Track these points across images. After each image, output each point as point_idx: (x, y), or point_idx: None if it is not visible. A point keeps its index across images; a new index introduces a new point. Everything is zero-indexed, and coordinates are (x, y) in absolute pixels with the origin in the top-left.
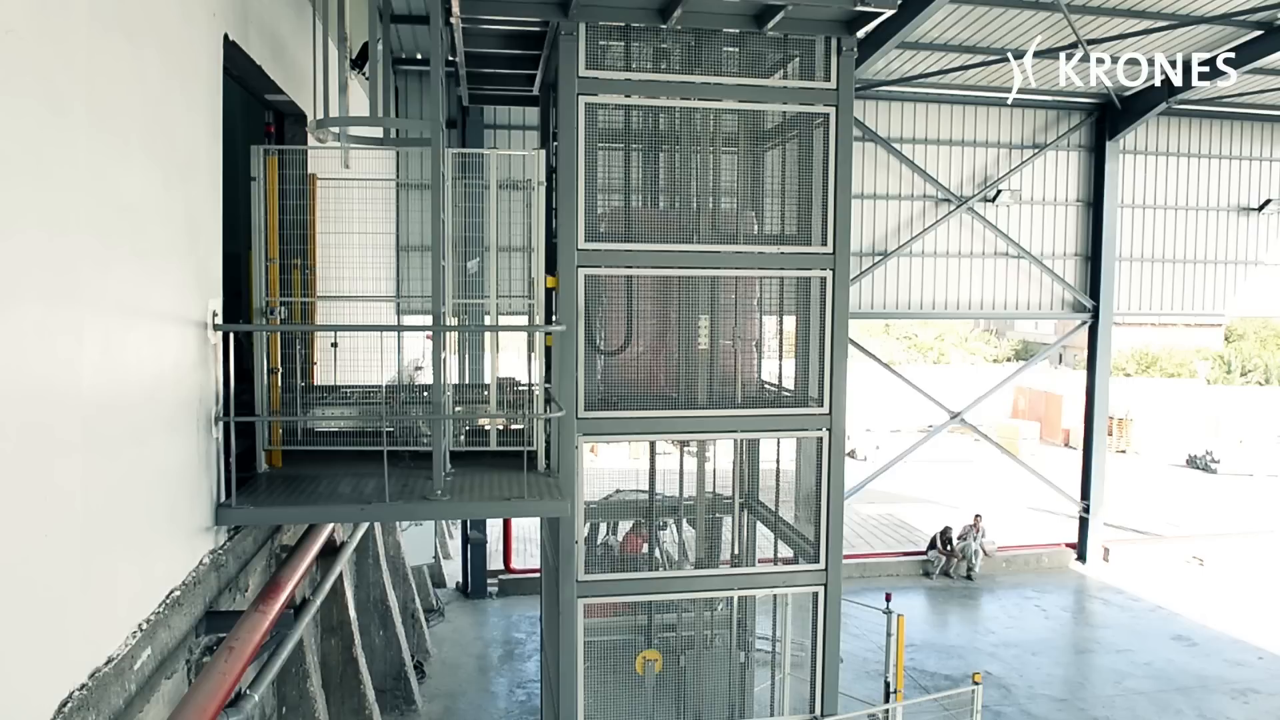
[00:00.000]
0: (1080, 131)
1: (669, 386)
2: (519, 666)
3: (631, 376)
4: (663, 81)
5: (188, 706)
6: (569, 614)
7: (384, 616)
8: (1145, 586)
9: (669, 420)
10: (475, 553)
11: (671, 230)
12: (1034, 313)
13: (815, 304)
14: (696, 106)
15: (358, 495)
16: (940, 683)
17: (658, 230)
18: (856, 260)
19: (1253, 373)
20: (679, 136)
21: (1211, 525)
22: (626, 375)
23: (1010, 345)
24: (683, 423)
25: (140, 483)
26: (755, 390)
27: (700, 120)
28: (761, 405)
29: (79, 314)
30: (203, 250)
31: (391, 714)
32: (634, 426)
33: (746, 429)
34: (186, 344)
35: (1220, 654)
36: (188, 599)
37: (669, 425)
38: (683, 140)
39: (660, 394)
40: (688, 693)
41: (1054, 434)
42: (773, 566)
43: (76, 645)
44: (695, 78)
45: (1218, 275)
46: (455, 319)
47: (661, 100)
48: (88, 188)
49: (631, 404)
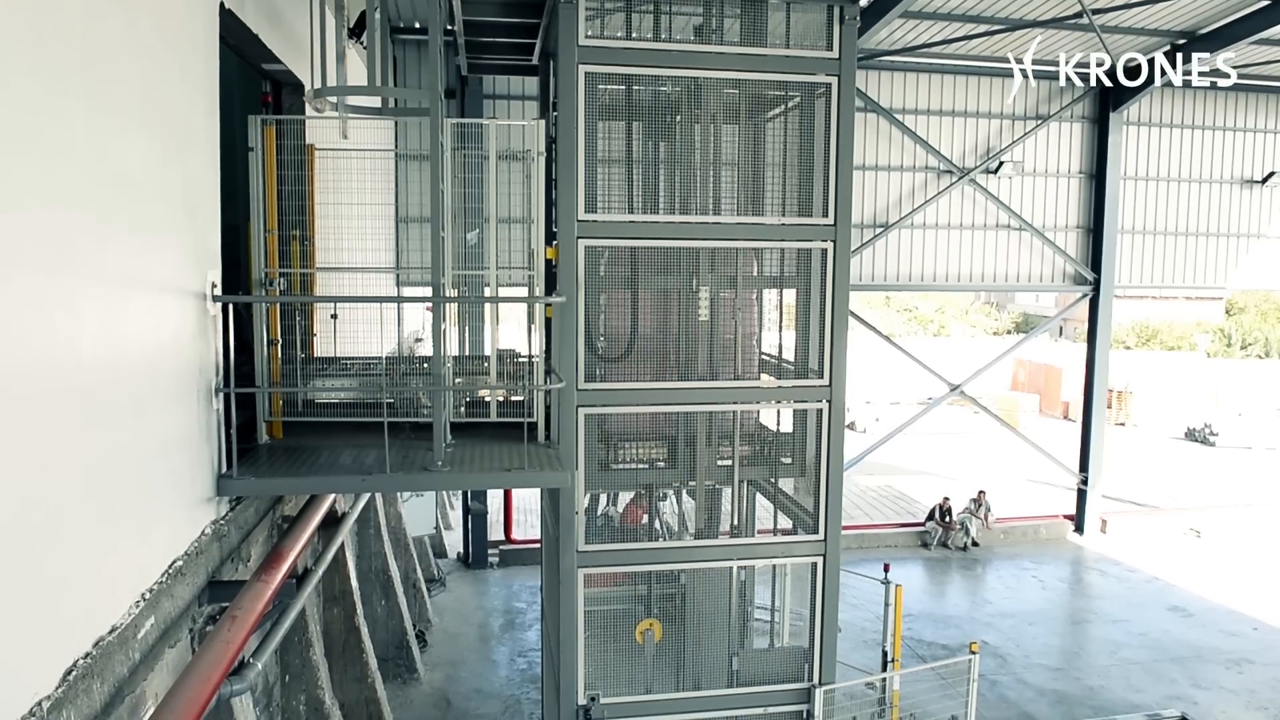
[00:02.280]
0: (1084, 103)
1: (669, 359)
2: (520, 635)
3: (633, 351)
4: (663, 50)
5: (191, 675)
6: (569, 584)
7: (385, 586)
8: (1142, 558)
9: (668, 391)
10: (476, 523)
11: (672, 201)
12: (1035, 285)
13: (816, 276)
14: (697, 76)
15: (358, 466)
16: (937, 652)
17: (658, 201)
18: (857, 232)
19: (1253, 346)
20: (680, 107)
21: (1209, 498)
22: (626, 351)
23: (1011, 318)
24: (682, 394)
25: (141, 453)
26: (755, 362)
27: (702, 90)
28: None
29: (78, 286)
30: (201, 222)
31: (394, 682)
32: (634, 398)
33: (746, 400)
34: (186, 316)
35: (1216, 625)
36: (190, 569)
37: (668, 396)
38: (684, 110)
39: (660, 365)
40: (687, 661)
41: (1053, 406)
42: (772, 537)
43: (80, 614)
44: (696, 46)
45: (1219, 248)
46: (455, 290)
47: (662, 69)
48: (85, 160)
49: (631, 376)
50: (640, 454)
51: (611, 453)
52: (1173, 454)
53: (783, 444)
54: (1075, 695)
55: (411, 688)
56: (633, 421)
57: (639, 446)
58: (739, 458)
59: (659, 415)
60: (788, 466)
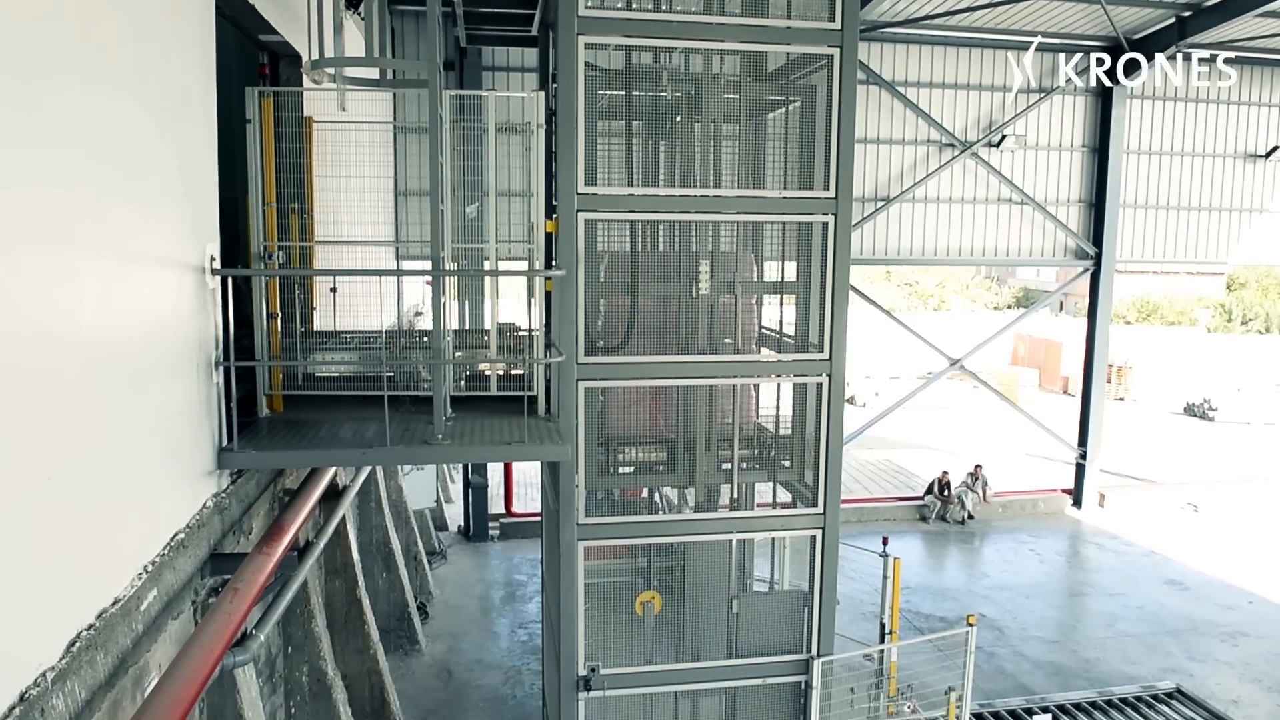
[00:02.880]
0: (1088, 75)
1: (669, 332)
2: (520, 608)
3: (632, 322)
4: (664, 21)
5: (194, 646)
6: (569, 556)
7: (387, 559)
8: (1139, 532)
9: (668, 365)
10: (476, 496)
11: (672, 175)
12: (1036, 259)
13: (817, 250)
14: (698, 47)
15: (359, 439)
16: (935, 624)
17: (658, 175)
18: (858, 206)
19: (1253, 321)
20: (681, 79)
21: (1207, 472)
22: (626, 322)
23: (1011, 292)
24: (682, 367)
25: (142, 427)
26: (755, 335)
27: (703, 62)
28: (762, 350)
29: (76, 259)
30: (199, 194)
31: (396, 654)
32: (633, 371)
33: (746, 374)
34: (185, 289)
35: (1211, 598)
36: (192, 541)
37: (668, 370)
38: (685, 82)
39: (660, 338)
40: (687, 632)
41: (1053, 381)
42: (771, 510)
43: (83, 587)
44: (697, 17)
45: (1221, 223)
46: (454, 264)
47: (663, 40)
48: (81, 132)
49: (631, 349)
50: (640, 455)
51: (610, 456)
52: (1171, 429)
53: (782, 446)
54: (1071, 667)
55: (413, 659)
56: (632, 422)
57: (639, 449)
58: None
59: (659, 412)
60: (787, 470)
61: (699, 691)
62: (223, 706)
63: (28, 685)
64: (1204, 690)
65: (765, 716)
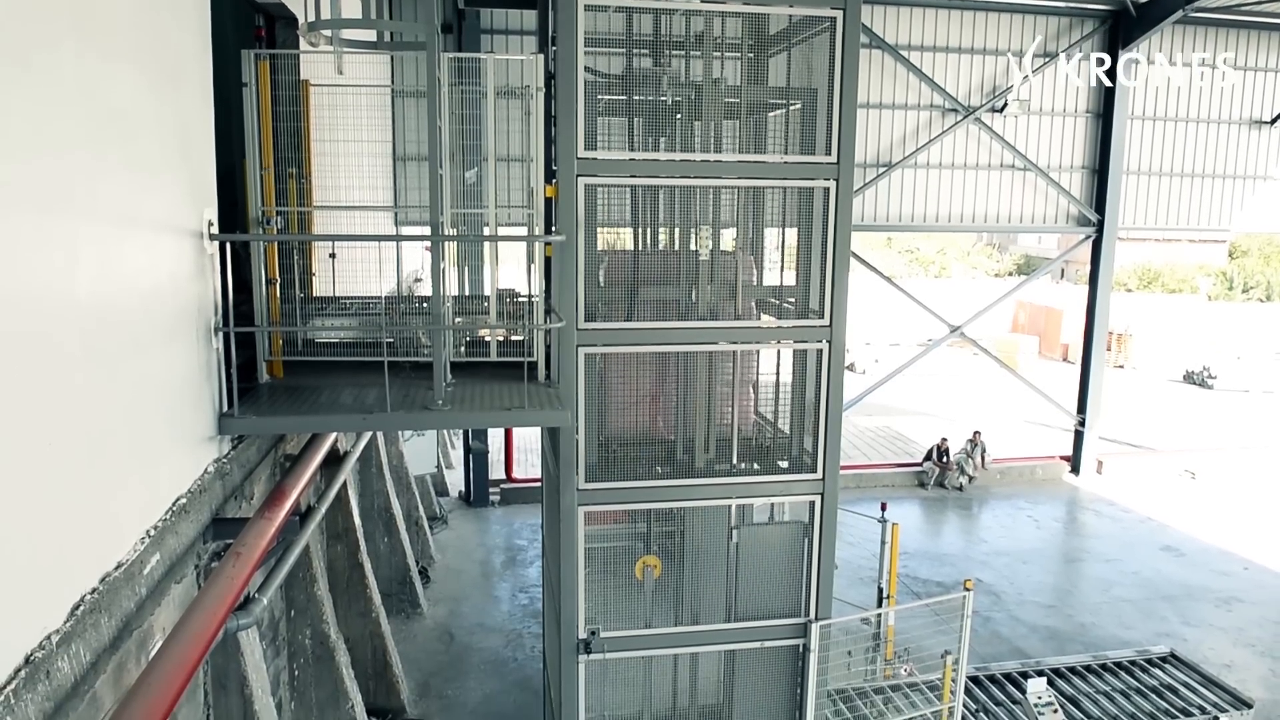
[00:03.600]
0: (1093, 40)
1: (669, 299)
2: (521, 572)
3: (631, 287)
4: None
5: (198, 609)
6: (569, 521)
7: (388, 524)
8: (1137, 499)
9: (668, 330)
10: (477, 462)
11: (673, 141)
12: (1038, 226)
13: (818, 215)
14: (700, 9)
15: (359, 405)
16: (932, 589)
17: (658, 140)
18: (860, 172)
19: (1254, 289)
20: (681, 42)
21: (1205, 440)
22: (626, 285)
23: (1012, 259)
24: (683, 333)
25: (142, 392)
26: (756, 301)
27: (704, 23)
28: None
29: (72, 224)
30: (195, 159)
31: (397, 617)
32: (633, 336)
33: (746, 339)
34: (183, 254)
35: (1207, 564)
36: (194, 506)
37: (668, 335)
38: (686, 45)
39: (660, 305)
40: (686, 596)
41: (1053, 349)
42: (771, 476)
43: (86, 551)
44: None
45: (1224, 190)
46: (454, 229)
47: (664, 2)
48: (75, 97)
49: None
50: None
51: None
52: (1170, 396)
53: (780, 447)
54: (1066, 631)
55: (415, 622)
56: (631, 416)
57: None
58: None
59: (659, 402)
60: (784, 472)
61: (698, 654)
62: (227, 668)
63: (32, 648)
64: (1197, 655)
65: (763, 679)
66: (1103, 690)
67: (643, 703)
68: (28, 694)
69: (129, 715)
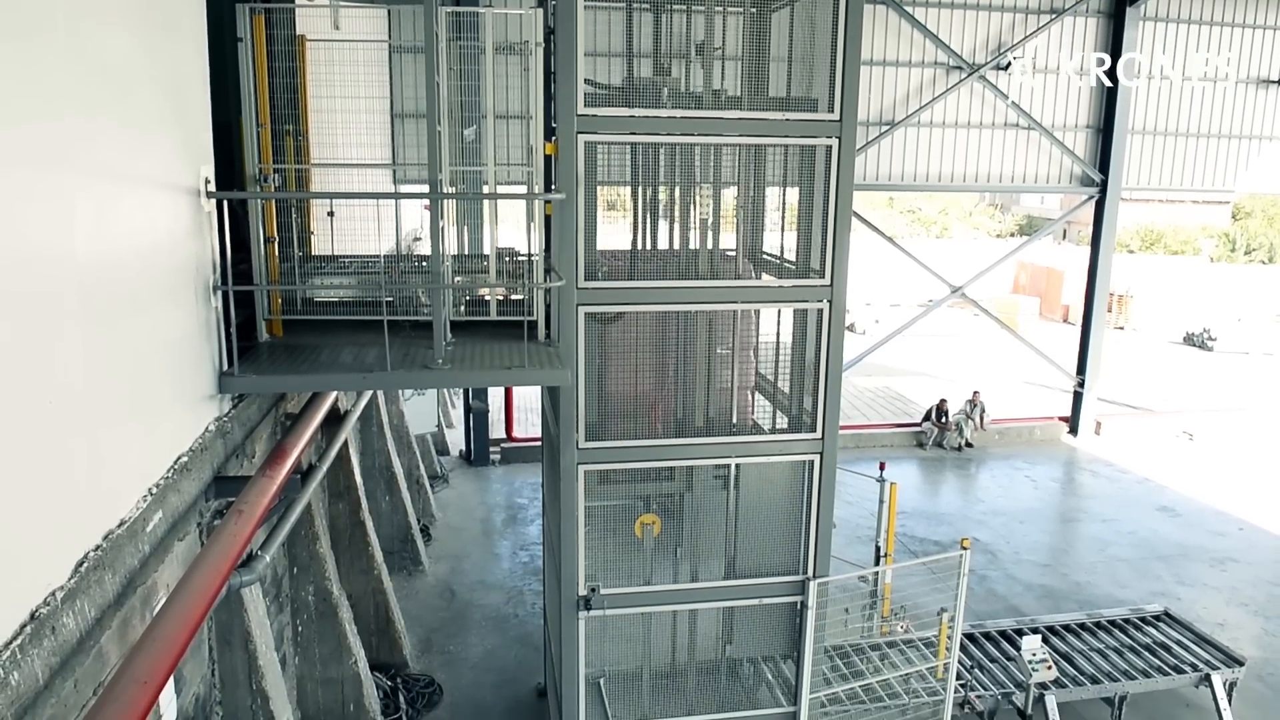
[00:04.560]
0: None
1: (668, 259)
2: (521, 530)
3: (631, 248)
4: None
5: (201, 566)
6: (569, 480)
7: (389, 482)
8: (1134, 459)
9: (669, 290)
10: (478, 421)
11: (674, 97)
12: (1041, 186)
13: (819, 174)
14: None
15: (359, 364)
16: (929, 548)
17: (658, 97)
18: (862, 130)
19: (1257, 251)
20: None
21: (1204, 401)
22: (625, 248)
23: (1015, 220)
24: (683, 293)
25: (141, 351)
26: (756, 261)
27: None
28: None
29: (68, 182)
30: (191, 115)
31: (399, 574)
32: (633, 295)
33: (747, 299)
34: (180, 212)
35: (1203, 525)
36: (195, 464)
37: (669, 295)
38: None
39: (660, 265)
40: (685, 553)
41: (1053, 310)
42: (771, 436)
43: (88, 509)
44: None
45: (1229, 150)
46: (452, 187)
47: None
48: (67, 52)
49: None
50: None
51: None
52: (1170, 358)
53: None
54: (1062, 590)
55: (417, 579)
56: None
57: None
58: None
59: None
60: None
61: (697, 611)
62: (231, 624)
63: (38, 604)
64: (1191, 613)
65: (762, 635)
66: (1096, 648)
67: (642, 658)
68: (34, 649)
69: (135, 670)
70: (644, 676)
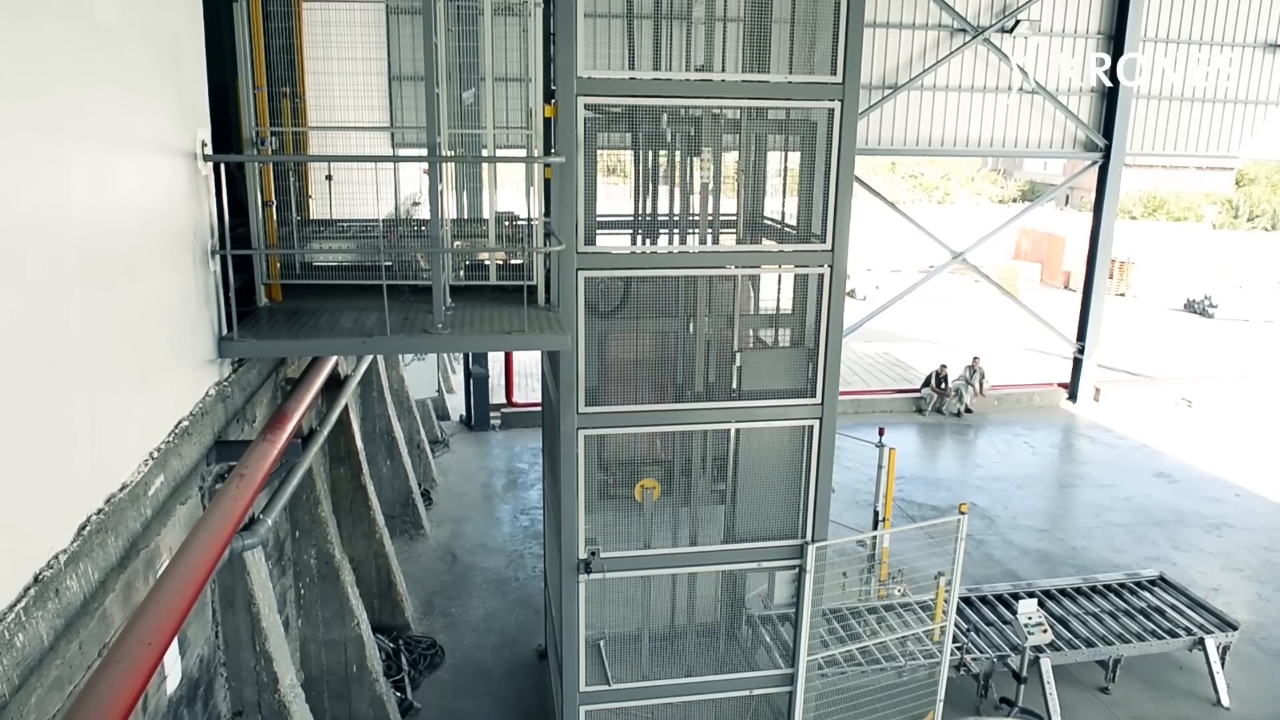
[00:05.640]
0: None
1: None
2: (522, 494)
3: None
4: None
5: (203, 529)
6: (570, 445)
7: (390, 447)
8: (1132, 426)
9: (669, 255)
10: (478, 386)
11: (675, 60)
12: (1045, 151)
13: (821, 137)
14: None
15: (359, 328)
16: (927, 513)
17: (661, 59)
18: (865, 94)
19: (1260, 218)
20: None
21: (1203, 368)
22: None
23: (1017, 185)
24: (683, 257)
25: (139, 315)
26: (756, 226)
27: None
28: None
29: (63, 144)
30: (186, 77)
31: (401, 538)
32: (634, 261)
33: (748, 263)
34: (176, 175)
35: (1199, 491)
36: (196, 429)
37: (669, 260)
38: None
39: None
40: (683, 518)
41: (1054, 276)
42: (770, 401)
43: (90, 473)
44: None
45: (1235, 115)
46: (451, 151)
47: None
48: (59, 10)
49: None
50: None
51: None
52: (1170, 325)
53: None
54: (1058, 555)
55: (418, 543)
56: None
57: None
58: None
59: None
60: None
61: (696, 575)
62: (234, 587)
63: (41, 567)
64: (1186, 578)
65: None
66: (1092, 611)
67: (642, 621)
68: (38, 611)
69: (139, 631)
70: (644, 639)
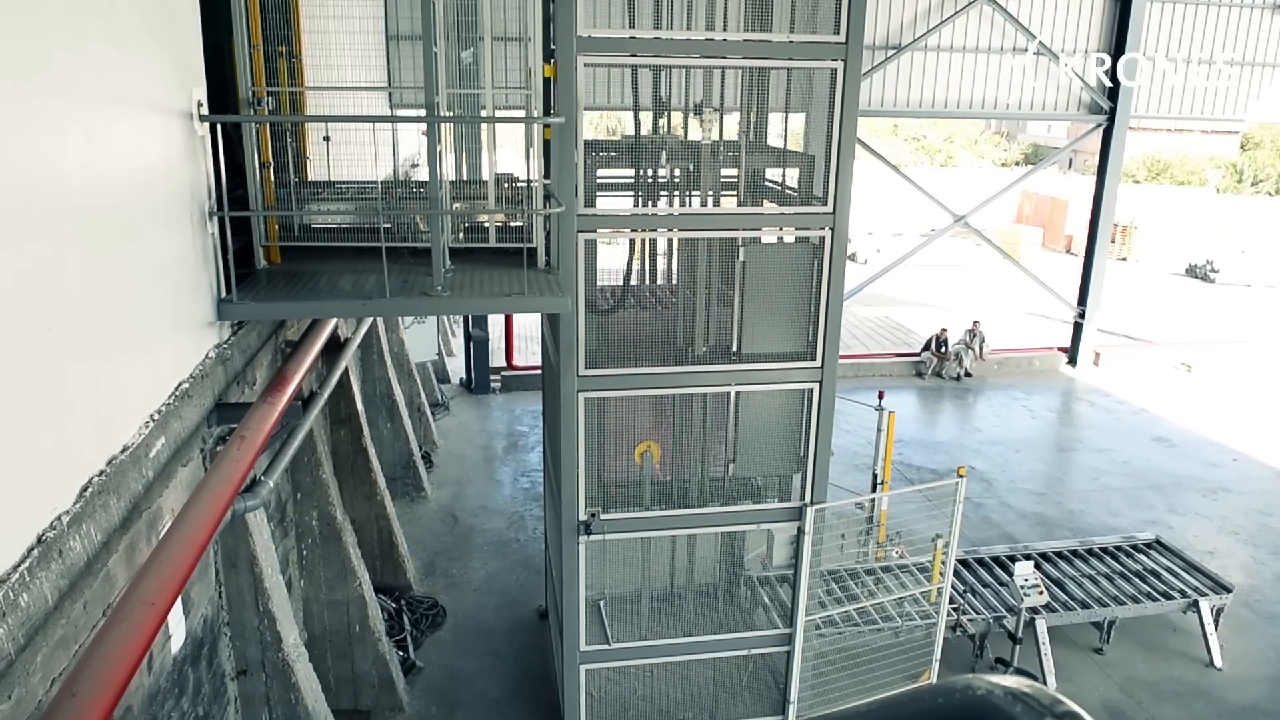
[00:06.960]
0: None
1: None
2: (522, 457)
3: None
4: None
5: (205, 491)
6: (570, 407)
7: (390, 409)
8: (1132, 390)
9: (668, 218)
10: (478, 349)
11: (676, 19)
12: (1049, 114)
13: (823, 98)
14: None
15: (358, 291)
16: (926, 476)
17: (661, 17)
18: (868, 55)
19: (1264, 183)
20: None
21: (1204, 333)
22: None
23: (1020, 149)
24: (682, 220)
25: (138, 277)
26: (758, 187)
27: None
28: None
29: (57, 103)
30: (181, 35)
31: (402, 500)
32: (634, 223)
33: (749, 226)
34: (172, 135)
35: (1197, 455)
36: (196, 391)
37: (668, 222)
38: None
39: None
40: (684, 480)
41: (1056, 240)
42: (770, 365)
43: (91, 435)
44: None
45: (1242, 78)
46: (450, 111)
47: None
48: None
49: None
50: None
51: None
52: (1172, 290)
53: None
54: (1055, 518)
55: (419, 505)
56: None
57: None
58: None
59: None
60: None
61: (696, 536)
62: (236, 548)
63: (44, 528)
64: (1182, 541)
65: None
66: (1088, 574)
67: (641, 581)
68: (42, 571)
69: (142, 591)
70: (643, 599)
